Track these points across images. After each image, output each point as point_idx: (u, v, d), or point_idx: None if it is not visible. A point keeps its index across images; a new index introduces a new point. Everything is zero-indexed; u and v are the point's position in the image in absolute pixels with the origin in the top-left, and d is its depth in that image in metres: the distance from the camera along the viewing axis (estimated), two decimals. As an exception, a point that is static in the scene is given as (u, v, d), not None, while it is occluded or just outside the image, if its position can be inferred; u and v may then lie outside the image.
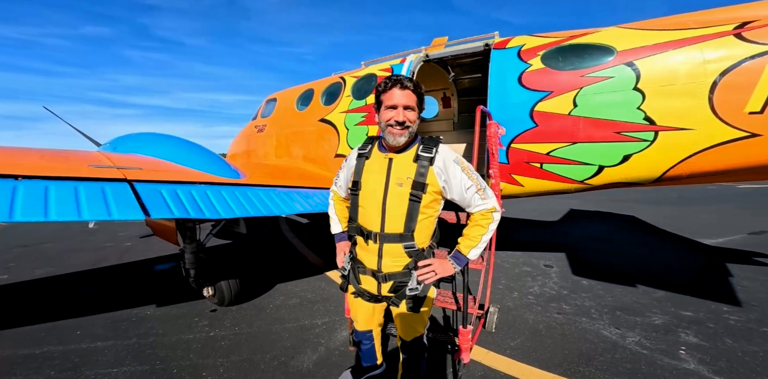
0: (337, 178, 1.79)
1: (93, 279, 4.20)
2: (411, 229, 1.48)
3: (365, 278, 1.62)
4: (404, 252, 1.52)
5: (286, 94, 5.41)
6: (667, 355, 2.45)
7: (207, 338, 2.81)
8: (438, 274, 1.50)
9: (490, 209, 1.54)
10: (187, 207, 2.28)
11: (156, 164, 3.00)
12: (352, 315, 1.85)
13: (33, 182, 1.94)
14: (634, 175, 2.69)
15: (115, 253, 5.33)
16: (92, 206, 1.94)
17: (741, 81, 2.24)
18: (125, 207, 2.03)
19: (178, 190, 2.42)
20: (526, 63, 2.96)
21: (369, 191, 1.52)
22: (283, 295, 3.63)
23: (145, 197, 2.18)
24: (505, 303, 3.35)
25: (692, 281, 3.88)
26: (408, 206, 1.46)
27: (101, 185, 2.14)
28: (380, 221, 1.49)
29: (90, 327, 2.98)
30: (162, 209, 2.14)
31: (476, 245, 1.55)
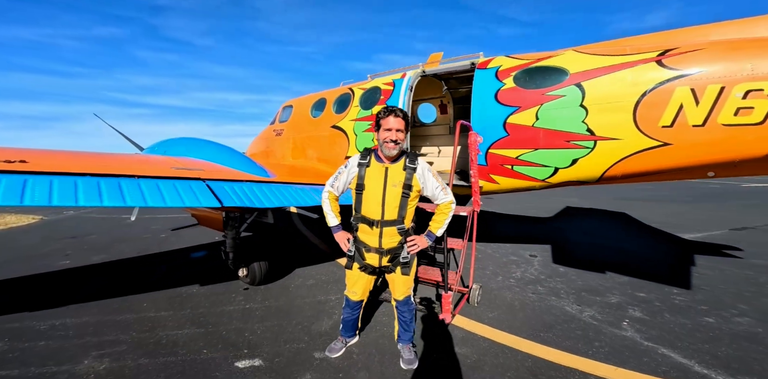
0: (335, 182, 2.28)
1: (143, 264, 4.97)
2: (402, 216, 2.17)
3: (369, 255, 2.27)
4: (397, 232, 2.20)
5: (302, 102, 6.06)
6: (611, 325, 3.04)
7: (244, 309, 3.51)
8: (419, 246, 2.25)
9: (450, 201, 2.27)
10: (244, 199, 3.03)
11: (210, 166, 3.74)
12: (353, 289, 2.49)
13: (148, 181, 2.71)
14: (581, 175, 3.27)
15: (154, 243, 6.11)
16: (188, 197, 2.71)
17: (657, 100, 2.78)
18: (207, 198, 2.80)
19: (235, 186, 3.18)
20: (502, 82, 3.54)
21: (371, 191, 2.15)
22: (301, 277, 4.32)
23: (216, 191, 2.95)
24: (489, 285, 3.96)
25: (658, 269, 4.42)
26: (400, 200, 2.13)
27: (188, 183, 2.91)
28: (381, 212, 2.14)
29: (152, 301, 3.70)
30: (230, 200, 2.90)
31: (441, 226, 2.29)
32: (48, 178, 2.32)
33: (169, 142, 4.88)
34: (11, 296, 3.84)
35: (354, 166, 2.23)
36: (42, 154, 2.93)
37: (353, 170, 2.23)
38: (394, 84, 4.47)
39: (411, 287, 2.47)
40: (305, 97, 6.09)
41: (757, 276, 4.11)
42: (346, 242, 2.34)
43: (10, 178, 2.18)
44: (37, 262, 5.00)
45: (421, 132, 6.19)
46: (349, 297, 2.54)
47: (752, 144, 2.53)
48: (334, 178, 2.30)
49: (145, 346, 2.81)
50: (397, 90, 4.40)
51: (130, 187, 2.54)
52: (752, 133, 2.50)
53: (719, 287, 3.81)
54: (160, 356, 2.66)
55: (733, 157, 2.66)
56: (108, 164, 2.92)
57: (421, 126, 6.28)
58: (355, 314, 2.63)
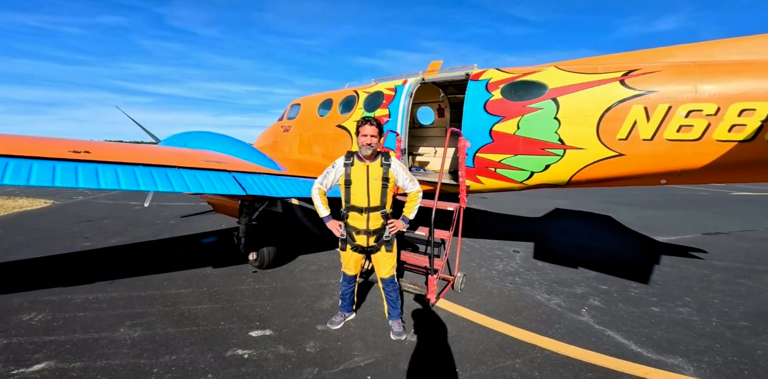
0: (324, 180, 2.81)
1: (159, 247, 5.42)
2: (384, 202, 2.76)
3: (359, 237, 2.82)
4: (380, 215, 2.77)
5: (309, 101, 6.47)
6: (572, 312, 3.54)
7: (254, 289, 3.98)
8: (397, 227, 2.86)
9: (417, 190, 2.87)
10: (263, 189, 3.51)
11: (230, 159, 4.18)
12: (348, 265, 3.02)
13: (187, 171, 3.20)
14: (552, 179, 3.71)
15: (166, 228, 6.56)
16: (220, 185, 3.20)
17: (616, 116, 3.20)
18: (234, 187, 3.28)
19: (255, 178, 3.66)
20: (490, 93, 3.95)
21: (357, 185, 2.70)
22: (304, 263, 4.80)
23: (241, 181, 3.43)
24: (473, 275, 4.45)
25: (624, 266, 4.93)
26: (381, 190, 2.71)
27: (218, 174, 3.39)
28: (367, 200, 2.71)
29: (173, 280, 4.16)
30: (252, 189, 3.39)
31: (412, 211, 2.90)
32: (113, 167, 2.80)
33: (186, 135, 5.29)
34: (45, 271, 4.29)
35: (340, 166, 2.76)
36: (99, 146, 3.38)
37: (340, 170, 2.76)
38: (396, 90, 4.88)
39: (394, 267, 2.99)
40: (313, 97, 6.48)
41: (711, 275, 4.62)
42: (338, 228, 2.86)
43: (84, 166, 2.66)
44: (60, 242, 5.45)
45: (419, 133, 6.62)
46: (345, 273, 3.08)
47: (690, 157, 2.98)
48: (323, 177, 2.82)
49: (171, 317, 3.28)
50: (398, 95, 4.81)
51: (174, 176, 3.03)
52: (690, 148, 2.95)
53: (673, 282, 4.32)
54: (184, 326, 3.13)
55: (675, 168, 3.10)
56: (154, 156, 3.40)
57: (420, 128, 6.71)
58: (351, 286, 3.16)
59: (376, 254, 2.92)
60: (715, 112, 2.82)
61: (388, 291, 3.03)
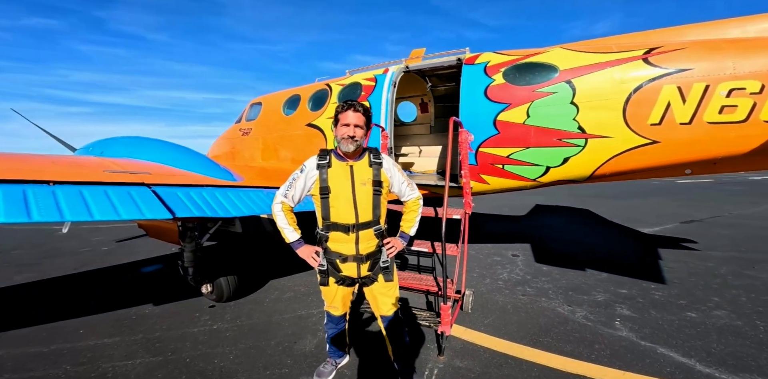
0: (289, 190, 1.95)
1: (80, 282, 4.23)
2: (378, 215, 1.95)
3: (346, 265, 1.98)
4: (374, 234, 1.96)
5: (272, 99, 5.58)
6: (605, 326, 3.01)
7: (211, 330, 3.04)
8: (396, 248, 2.06)
9: (417, 197, 2.12)
10: (203, 207, 2.54)
11: (159, 169, 3.17)
12: (333, 304, 2.18)
13: (67, 187, 2.13)
14: (572, 174, 3.24)
15: (95, 257, 5.29)
16: (125, 207, 2.16)
17: (645, 98, 2.79)
18: (154, 208, 2.27)
19: (192, 192, 2.66)
20: (491, 78, 3.42)
21: (338, 193, 1.88)
22: (277, 290, 3.90)
23: (167, 199, 2.42)
24: (479, 288, 3.83)
25: (630, 264, 4.58)
26: (373, 199, 1.91)
27: (127, 189, 2.35)
28: (354, 214, 1.89)
29: (92, 326, 3.10)
30: (184, 210, 2.39)
31: (413, 225, 2.13)
32: None
33: (108, 141, 4.20)
34: None
35: (312, 169, 1.93)
36: None
37: (312, 174, 1.93)
38: (376, 80, 4.20)
39: (398, 298, 2.19)
40: (276, 94, 5.61)
41: (717, 268, 4.39)
42: (314, 256, 2.00)
43: None
44: (-63, 286, 4.07)
45: (401, 131, 5.96)
46: (330, 312, 2.25)
47: (735, 142, 2.61)
48: (288, 186, 1.97)
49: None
50: (380, 86, 4.13)
51: (39, 196, 1.95)
52: (735, 131, 2.57)
53: (689, 280, 4.00)
54: (106, 397, 2.17)
55: (716, 154, 2.73)
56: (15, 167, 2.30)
57: (401, 125, 6.06)
58: (341, 327, 2.33)
59: (370, 286, 2.10)
60: (759, 90, 2.47)
61: (392, 332, 2.21)
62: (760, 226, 6.79)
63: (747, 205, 9.28)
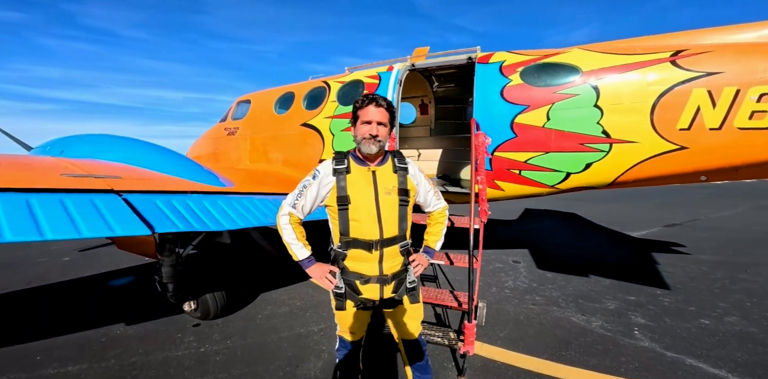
0: (298, 199, 1.66)
1: (35, 299, 3.67)
2: (404, 229, 1.68)
3: (367, 287, 1.67)
4: (399, 251, 1.68)
5: (262, 96, 5.19)
6: (625, 335, 2.90)
7: (198, 354, 2.66)
8: (423, 266, 1.77)
9: (444, 207, 1.87)
10: (190, 220, 2.14)
11: (132, 172, 2.74)
12: (348, 329, 1.85)
13: (11, 195, 1.70)
14: (593, 180, 3.13)
15: (54, 269, 4.68)
16: (88, 221, 1.74)
17: (674, 102, 2.71)
18: (126, 221, 1.85)
19: (173, 200, 2.24)
20: (507, 78, 3.25)
21: (360, 204, 1.60)
22: (270, 304, 3.53)
23: (143, 210, 2.00)
24: (487, 297, 3.64)
25: (630, 269, 4.56)
26: (399, 210, 1.65)
27: (90, 198, 1.92)
28: (378, 229, 1.61)
29: (53, 351, 2.64)
30: (166, 223, 1.98)
31: (439, 239, 1.86)
32: None
33: (70, 139, 3.68)
34: None
35: (328, 175, 1.63)
36: None
37: (328, 181, 1.63)
38: (380, 78, 3.95)
39: (421, 320, 1.93)
40: (267, 91, 5.22)
41: (711, 272, 4.45)
42: (330, 277, 1.67)
43: None
44: None
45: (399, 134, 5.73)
46: (343, 337, 1.91)
47: (763, 149, 2.57)
48: (297, 195, 1.66)
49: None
50: (384, 84, 3.89)
51: None
52: (764, 138, 2.53)
53: (690, 285, 4.00)
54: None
55: (743, 161, 2.68)
56: None
57: (400, 127, 5.83)
58: (356, 354, 2.00)
59: (393, 309, 1.81)
60: None
61: (414, 357, 1.96)
62: (736, 228, 7.09)
63: (719, 208, 9.74)
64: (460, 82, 5.08)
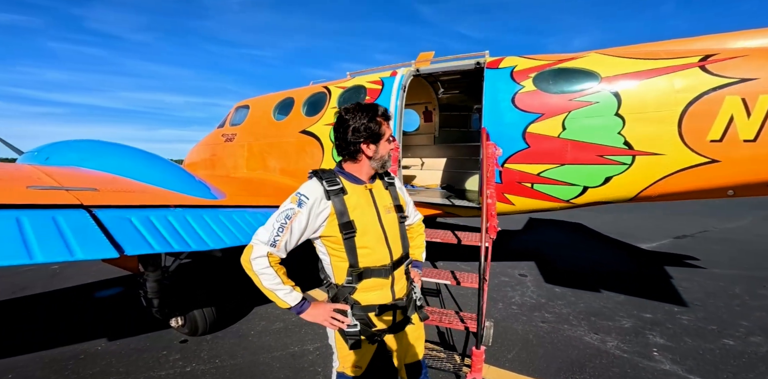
0: (280, 235, 1.31)
1: (15, 310, 3.49)
2: (407, 247, 1.58)
3: (381, 318, 1.49)
4: (404, 271, 1.56)
5: (261, 102, 5.09)
6: (644, 357, 2.68)
7: (183, 373, 2.47)
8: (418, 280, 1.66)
9: (421, 217, 1.81)
10: (168, 239, 1.91)
11: (112, 183, 2.50)
12: (353, 365, 1.62)
13: None
14: (614, 195, 2.92)
15: (39, 278, 4.50)
16: (45, 243, 1.52)
17: (705, 111, 2.52)
18: (90, 243, 1.63)
19: (151, 216, 2.02)
20: (519, 84, 3.08)
21: (367, 228, 1.40)
22: (264, 319, 3.33)
23: (113, 228, 1.78)
24: (493, 314, 3.43)
25: (642, 284, 4.35)
26: (400, 228, 1.53)
27: (51, 214, 1.69)
28: (389, 253, 1.45)
29: (24, 368, 2.45)
30: (138, 244, 1.76)
31: (423, 250, 1.78)
32: None
33: (58, 145, 3.54)
34: None
35: (320, 199, 1.34)
36: None
37: (322, 207, 1.35)
38: (383, 83, 3.83)
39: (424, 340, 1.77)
40: (266, 97, 5.12)
41: (729, 287, 4.23)
42: (339, 317, 1.37)
43: None
44: None
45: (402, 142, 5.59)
46: (345, 374, 1.65)
47: None
48: (278, 230, 1.31)
49: None
50: (387, 89, 3.76)
51: None
52: None
53: (709, 301, 3.79)
54: None
55: None
56: None
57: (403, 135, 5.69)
58: None
59: (400, 333, 1.61)
60: None
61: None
62: (747, 240, 6.88)
63: (724, 219, 9.53)
64: (465, 88, 4.97)
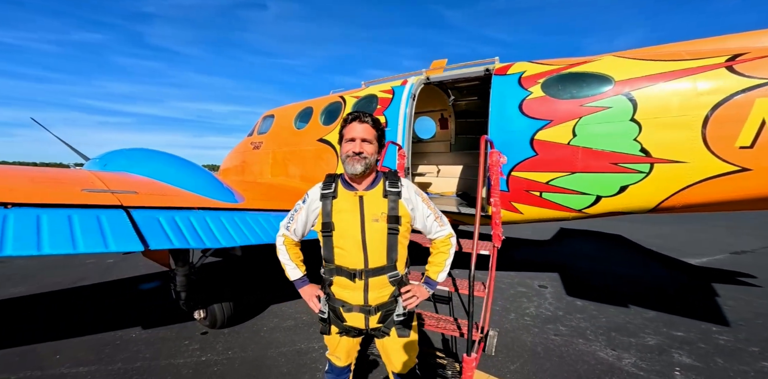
0: (290, 222, 1.67)
1: (74, 298, 4.00)
2: (394, 260, 1.56)
3: (351, 315, 1.59)
4: (388, 282, 1.57)
5: (284, 112, 5.46)
6: (662, 376, 2.48)
7: (198, 363, 2.69)
8: (419, 298, 1.59)
9: (447, 235, 1.66)
10: (187, 236, 2.23)
11: (150, 187, 2.92)
12: (336, 353, 1.76)
13: (24, 210, 1.88)
14: (630, 205, 2.75)
15: (97, 270, 5.12)
16: (87, 237, 1.87)
17: (732, 115, 2.33)
18: (122, 238, 1.97)
19: (176, 217, 2.37)
20: (527, 90, 3.04)
21: (344, 231, 1.52)
22: (277, 317, 3.53)
23: (143, 226, 2.13)
24: (502, 325, 3.34)
25: (680, 300, 3.98)
26: (387, 239, 1.53)
27: (96, 213, 2.07)
28: (363, 258, 1.52)
29: (71, 351, 2.82)
30: (161, 240, 2.08)
31: (442, 270, 1.67)
32: None
33: (115, 153, 4.11)
34: None
35: (316, 200, 1.59)
36: None
37: (315, 206, 1.59)
38: (394, 92, 3.97)
39: (416, 354, 1.78)
40: (289, 106, 5.49)
41: (787, 308, 3.74)
42: (315, 300, 1.64)
43: None
44: (-68, 297, 3.94)
45: (418, 149, 5.65)
46: (332, 361, 1.81)
47: None
48: (290, 219, 1.68)
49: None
50: (397, 98, 3.89)
51: None
52: None
53: (755, 322, 3.38)
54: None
55: None
56: None
57: (418, 142, 5.77)
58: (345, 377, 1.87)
59: (381, 339, 1.69)
60: None
61: None
62: (824, 259, 5.98)
63: (802, 235, 8.34)
64: (482, 95, 4.95)
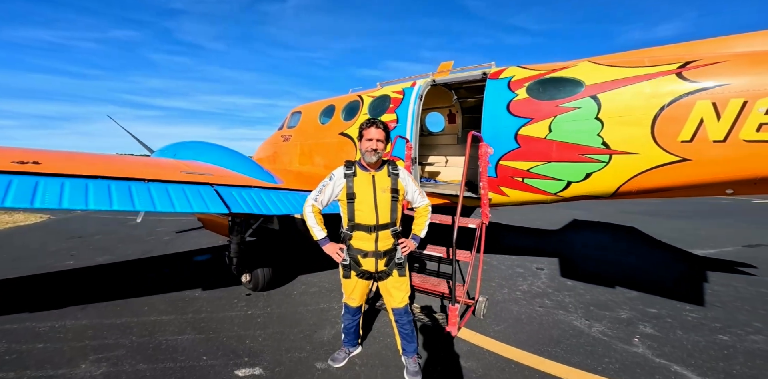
0: (319, 194, 2.33)
1: (147, 266, 4.96)
2: (395, 218, 2.31)
3: (365, 260, 2.33)
4: (390, 234, 2.32)
5: (310, 108, 6.14)
6: (622, 341, 2.95)
7: (246, 315, 3.47)
8: (409, 247, 2.41)
9: (426, 204, 2.48)
10: (252, 205, 3.03)
11: (218, 171, 3.75)
12: (352, 295, 2.53)
13: (158, 185, 2.73)
14: (594, 189, 3.21)
15: (158, 245, 6.12)
16: (195, 203, 2.71)
17: (676, 114, 2.72)
18: (215, 204, 2.81)
19: (243, 192, 3.18)
20: (514, 93, 3.51)
21: (363, 198, 2.24)
22: (304, 284, 4.28)
23: (225, 197, 2.96)
24: (495, 297, 3.88)
25: (669, 285, 4.32)
26: (391, 204, 2.27)
27: (197, 188, 2.92)
28: (375, 217, 2.24)
29: (155, 304, 3.68)
30: (238, 206, 2.90)
31: (423, 228, 2.49)
32: (60, 180, 2.32)
33: (178, 145, 4.93)
34: (14, 295, 3.84)
35: (340, 178, 2.31)
36: (55, 155, 2.95)
37: (340, 182, 2.30)
38: (404, 92, 4.50)
39: (408, 294, 2.49)
40: (314, 104, 6.16)
41: (772, 294, 3.99)
42: (338, 252, 2.37)
43: (22, 180, 2.17)
44: (43, 261, 5.03)
45: (428, 141, 6.20)
46: (348, 304, 2.59)
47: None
48: (318, 192, 2.36)
49: (144, 350, 2.78)
50: (407, 98, 4.42)
51: (139, 191, 2.55)
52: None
53: (733, 304, 3.70)
54: (158, 362, 2.63)
55: (754, 174, 2.58)
56: (119, 167, 2.95)
57: (429, 135, 6.29)
58: (356, 319, 2.67)
59: (385, 281, 2.43)
60: None
61: (401, 323, 2.51)
62: (844, 253, 5.92)
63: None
64: None
